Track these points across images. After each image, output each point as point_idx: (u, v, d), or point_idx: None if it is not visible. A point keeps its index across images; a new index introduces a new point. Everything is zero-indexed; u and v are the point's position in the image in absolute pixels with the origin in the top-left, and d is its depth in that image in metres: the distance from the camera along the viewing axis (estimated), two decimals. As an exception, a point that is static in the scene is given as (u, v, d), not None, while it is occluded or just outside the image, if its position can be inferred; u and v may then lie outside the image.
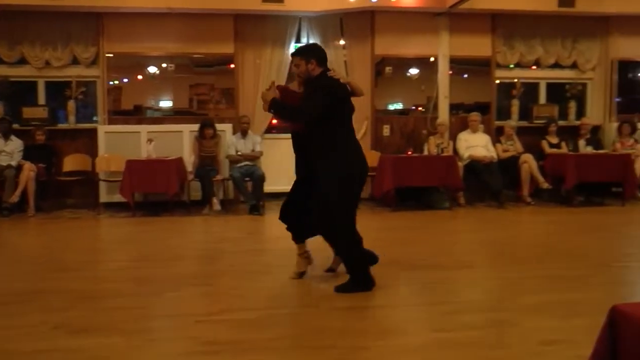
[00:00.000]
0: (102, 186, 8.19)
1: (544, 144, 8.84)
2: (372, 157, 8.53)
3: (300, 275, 4.26)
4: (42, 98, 8.76)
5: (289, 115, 4.08)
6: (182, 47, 8.64)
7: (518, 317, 3.44)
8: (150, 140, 7.81)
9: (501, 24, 9.17)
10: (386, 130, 9.04)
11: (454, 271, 4.62)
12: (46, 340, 3.10)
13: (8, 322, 3.41)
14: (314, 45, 4.16)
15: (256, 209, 7.66)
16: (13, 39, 8.46)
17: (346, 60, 8.82)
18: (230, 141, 8.18)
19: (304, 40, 8.84)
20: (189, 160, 8.09)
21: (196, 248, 5.78)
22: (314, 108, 3.84)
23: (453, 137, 8.84)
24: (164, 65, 8.77)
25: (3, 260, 5.29)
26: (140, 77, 8.87)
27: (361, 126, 8.77)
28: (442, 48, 9.00)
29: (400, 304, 3.81)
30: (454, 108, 9.21)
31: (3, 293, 4.06)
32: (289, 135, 4.32)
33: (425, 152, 8.50)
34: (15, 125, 8.37)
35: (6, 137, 8.09)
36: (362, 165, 4.06)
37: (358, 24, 8.80)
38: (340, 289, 3.92)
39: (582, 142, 8.68)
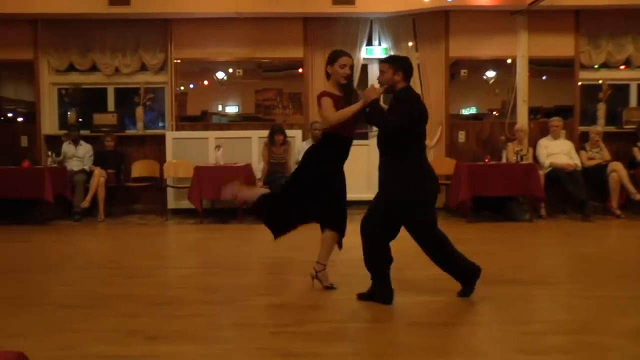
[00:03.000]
0: (170, 192, 8.43)
1: (636, 151, 8.41)
2: (448, 165, 8.42)
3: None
4: (111, 105, 9.14)
5: (379, 121, 4.05)
6: (250, 52, 8.80)
7: (615, 341, 3.26)
8: (218, 147, 7.97)
9: (585, 21, 8.83)
10: (461, 137, 8.89)
11: (536, 287, 4.45)
12: (123, 346, 3.20)
13: (83, 325, 3.54)
14: (406, 58, 4.13)
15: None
16: (85, 47, 8.89)
17: (419, 64, 8.72)
18: (300, 147, 8.22)
19: (375, 43, 8.83)
20: (258, 166, 8.20)
21: (266, 257, 5.82)
22: (395, 122, 3.85)
23: (532, 144, 8.58)
24: (230, 70, 8.95)
25: (74, 265, 5.53)
26: (206, 82, 9.10)
27: (435, 132, 8.67)
28: (520, 48, 8.76)
29: (480, 321, 3.70)
30: (533, 112, 8.94)
31: (76, 296, 4.23)
32: (360, 142, 4.33)
33: (504, 160, 8.29)
34: (86, 132, 8.78)
35: (76, 143, 8.47)
36: (435, 187, 4.09)
37: (432, 25, 8.70)
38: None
39: (679, 150, 8.21)
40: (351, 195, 9.12)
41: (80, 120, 8.93)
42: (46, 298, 4.24)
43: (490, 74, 9.03)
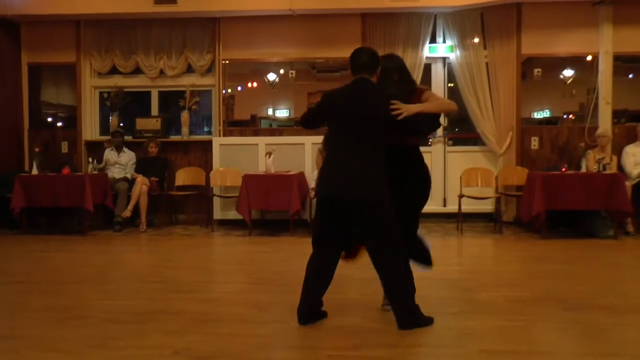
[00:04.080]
0: (217, 202, 8.52)
1: None
2: (519, 174, 8.23)
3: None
4: (155, 109, 9.34)
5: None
6: (303, 52, 8.84)
7: None
8: (269, 154, 8.00)
9: (681, 11, 8.48)
10: (534, 143, 8.66)
11: (628, 316, 4.23)
12: (169, 366, 3.21)
13: (126, 342, 3.58)
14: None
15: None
16: (128, 49, 9.13)
17: (488, 62, 8.56)
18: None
19: (439, 40, 8.72)
20: (312, 175, 8.18)
21: (319, 273, 5.79)
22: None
23: (617, 151, 8.29)
24: (282, 71, 9.00)
25: (116, 277, 5.63)
26: (256, 84, 9.17)
27: (505, 137, 8.49)
28: (603, 44, 8.48)
29: (565, 352, 3.54)
30: (617, 116, 8.65)
31: (118, 311, 4.28)
32: (422, 149, 4.22)
33: (583, 169, 8.02)
34: (129, 137, 8.97)
35: (119, 150, 8.67)
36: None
37: (502, 20, 8.54)
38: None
39: None
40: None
41: (122, 125, 9.14)
42: (88, 312, 4.31)
43: (568, 73, 8.77)
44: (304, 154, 8.49)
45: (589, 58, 8.62)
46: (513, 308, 4.20)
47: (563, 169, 7.86)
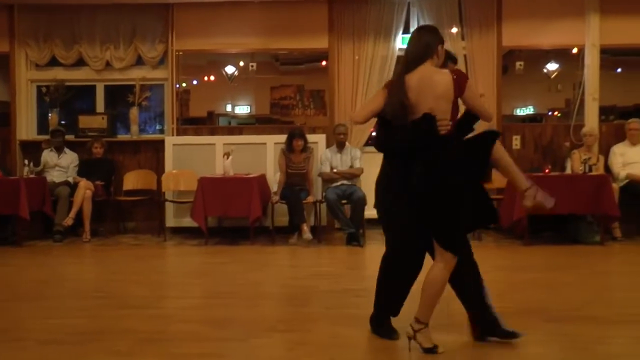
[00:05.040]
0: (169, 208, 8.49)
1: None
2: (499, 176, 8.22)
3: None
4: (100, 105, 9.27)
5: None
6: (265, 42, 8.86)
7: None
8: (227, 154, 8.00)
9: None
10: (516, 142, 8.81)
11: (614, 327, 4.36)
12: (114, 391, 3.19)
13: (69, 366, 3.55)
14: None
15: (355, 239, 7.66)
16: (70, 38, 9.04)
17: (466, 54, 8.69)
18: (324, 156, 8.23)
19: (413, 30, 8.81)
20: (274, 178, 8.22)
21: (283, 285, 5.82)
22: None
23: (604, 151, 8.49)
24: (242, 63, 9.01)
25: (56, 293, 5.55)
26: (213, 78, 9.16)
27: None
28: (590, 36, 8.67)
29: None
30: (604, 112, 8.86)
31: (58, 331, 4.22)
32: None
33: (568, 170, 8.22)
34: (70, 137, 8.89)
35: (59, 151, 8.59)
36: None
37: (481, 9, 8.69)
38: None
39: None
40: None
41: (63, 123, 9.04)
42: (24, 332, 4.25)
43: (552, 66, 8.96)
44: (266, 155, 8.51)
45: (575, 51, 8.81)
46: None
47: (546, 170, 8.00)
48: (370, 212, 8.14)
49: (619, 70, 9.12)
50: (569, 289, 5.52)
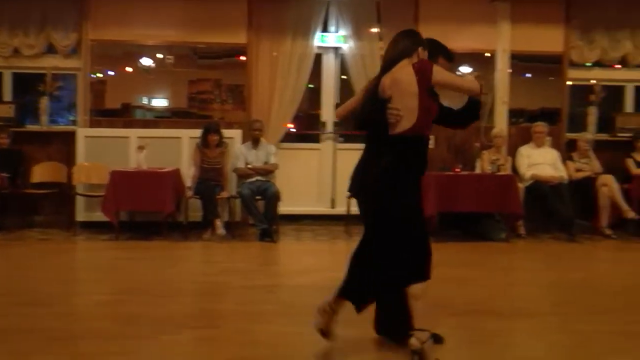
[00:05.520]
0: (80, 201, 8.29)
1: (629, 162, 8.75)
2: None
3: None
4: (8, 93, 8.94)
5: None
6: (182, 35, 8.76)
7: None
8: (141, 148, 7.89)
9: (578, 11, 9.14)
10: (430, 142, 9.00)
11: (512, 320, 4.59)
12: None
13: (-33, 367, 3.46)
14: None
15: (268, 235, 7.69)
16: (-26, 22, 8.66)
17: (382, 55, 8.83)
18: (238, 151, 8.24)
19: (332, 29, 8.93)
20: (188, 173, 8.16)
21: (195, 281, 5.80)
22: None
23: (512, 152, 8.81)
24: (159, 56, 8.89)
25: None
26: (130, 69, 9.00)
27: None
28: (501, 41, 8.96)
29: (446, 358, 3.78)
30: (514, 115, 9.18)
31: (-41, 331, 4.11)
32: (310, 145, 4.34)
33: (478, 170, 8.48)
34: (-26, 126, 8.54)
35: (-37, 140, 8.26)
36: None
37: (399, 11, 8.79)
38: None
39: (678, 162, 8.53)
40: (300, 208, 9.22)
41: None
42: None
43: (465, 69, 9.21)
44: (181, 149, 8.43)
45: (488, 55, 9.10)
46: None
47: (456, 170, 8.26)
48: (285, 207, 8.29)
49: (529, 75, 9.46)
50: (475, 284, 5.74)
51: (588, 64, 9.33)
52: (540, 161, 8.52)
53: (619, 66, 9.44)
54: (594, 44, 9.25)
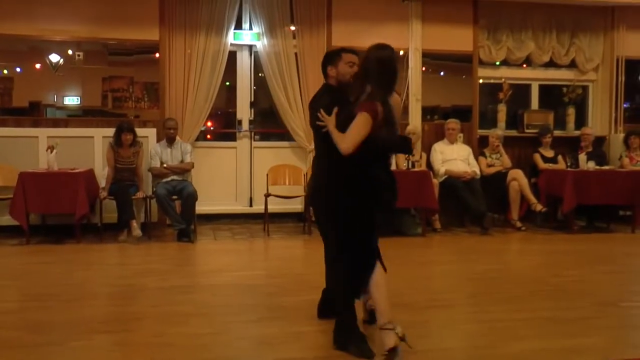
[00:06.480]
0: (-14, 205, 7.97)
1: (537, 157, 9.11)
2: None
3: None
4: None
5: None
6: (93, 31, 8.52)
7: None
8: (51, 148, 7.66)
9: (485, 12, 9.46)
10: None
11: (427, 311, 4.71)
12: None
13: None
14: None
15: (186, 235, 7.63)
16: None
17: (297, 52, 8.88)
18: (153, 150, 8.11)
19: (245, 27, 8.89)
20: (102, 173, 7.98)
21: (109, 284, 5.68)
22: None
23: (426, 149, 9.02)
24: (69, 52, 8.62)
25: None
26: (38, 66, 8.69)
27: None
28: (413, 40, 9.18)
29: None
30: (427, 113, 9.40)
31: None
32: (226, 144, 4.32)
33: (393, 167, 8.59)
34: None
35: None
36: None
37: (312, 8, 8.91)
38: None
39: (582, 157, 8.90)
40: (218, 207, 9.14)
41: None
42: None
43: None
44: (94, 149, 8.26)
45: (401, 53, 9.26)
46: (315, 313, 4.43)
47: (372, 166, 8.35)
48: (202, 207, 8.22)
49: (442, 73, 9.68)
50: (390, 278, 5.80)
51: (497, 63, 9.65)
52: (454, 157, 8.78)
53: (525, 65, 9.81)
54: (500, 44, 9.61)
